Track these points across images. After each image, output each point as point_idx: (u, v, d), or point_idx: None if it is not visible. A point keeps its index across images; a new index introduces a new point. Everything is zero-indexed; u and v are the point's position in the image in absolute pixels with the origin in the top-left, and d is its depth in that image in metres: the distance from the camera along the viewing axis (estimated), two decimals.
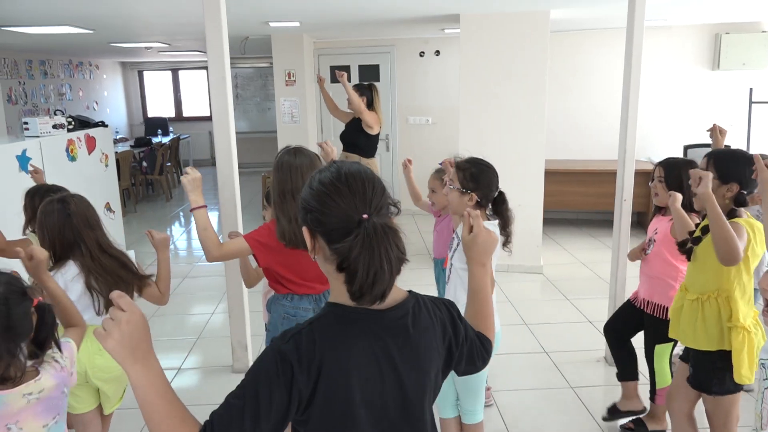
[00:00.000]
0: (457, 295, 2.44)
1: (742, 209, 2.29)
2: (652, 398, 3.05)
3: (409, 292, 1.25)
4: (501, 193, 2.42)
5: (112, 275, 2.33)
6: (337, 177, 1.13)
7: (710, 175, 2.15)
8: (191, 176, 2.47)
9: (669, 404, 2.63)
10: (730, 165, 2.29)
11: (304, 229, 1.16)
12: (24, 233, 2.85)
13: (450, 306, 1.32)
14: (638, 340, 3.07)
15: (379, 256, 1.07)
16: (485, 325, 1.43)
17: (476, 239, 1.41)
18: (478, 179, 2.39)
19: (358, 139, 5.20)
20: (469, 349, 1.34)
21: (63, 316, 1.93)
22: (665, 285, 2.81)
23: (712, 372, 2.33)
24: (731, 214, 2.26)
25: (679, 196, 2.47)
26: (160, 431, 1.05)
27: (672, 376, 2.89)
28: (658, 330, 2.81)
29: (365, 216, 1.09)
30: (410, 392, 1.20)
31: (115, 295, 1.07)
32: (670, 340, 2.76)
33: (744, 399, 3.14)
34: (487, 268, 1.45)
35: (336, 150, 2.86)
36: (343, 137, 5.32)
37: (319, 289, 2.48)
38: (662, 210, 2.87)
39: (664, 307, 2.79)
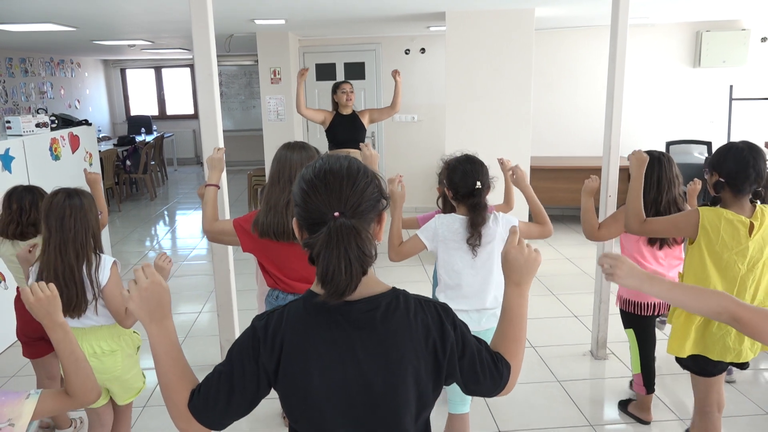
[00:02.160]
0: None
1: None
2: (631, 384, 3.15)
3: (393, 288, 1.24)
4: (476, 189, 2.42)
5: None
6: (317, 174, 1.16)
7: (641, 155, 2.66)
8: (215, 156, 2.77)
9: None
10: (715, 155, 2.37)
11: (294, 221, 1.22)
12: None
13: (442, 310, 1.27)
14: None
15: (336, 256, 1.09)
16: (508, 348, 1.34)
17: (506, 255, 1.35)
18: (449, 175, 2.50)
19: (362, 135, 5.22)
20: (470, 363, 1.26)
21: (69, 375, 1.57)
22: None
23: None
24: (714, 201, 2.35)
25: (592, 184, 3.00)
26: (162, 382, 1.23)
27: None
28: (622, 317, 3.10)
29: (336, 214, 1.11)
30: (377, 390, 1.18)
31: (143, 264, 1.24)
32: (628, 326, 3.05)
33: (728, 391, 3.21)
34: (521, 289, 1.35)
35: (378, 155, 2.83)
36: (347, 135, 5.17)
37: (304, 290, 2.44)
38: None
39: (618, 296, 3.07)
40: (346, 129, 5.18)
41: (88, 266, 2.30)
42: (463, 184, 2.43)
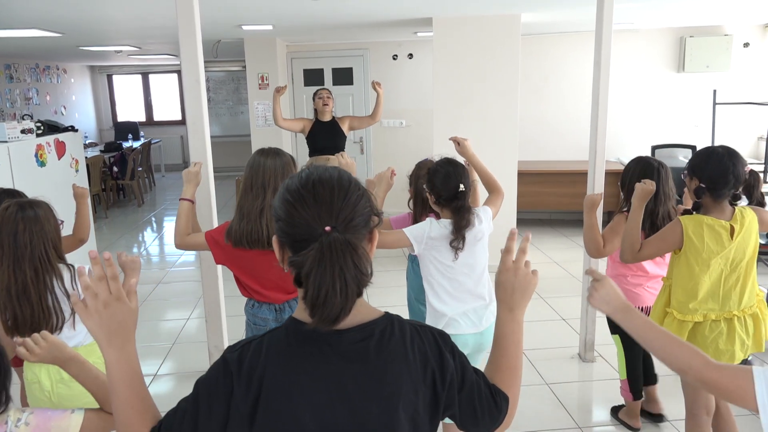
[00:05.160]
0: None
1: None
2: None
3: (386, 313, 1.11)
4: (460, 192, 2.39)
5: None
6: (304, 184, 1.04)
7: None
8: (192, 170, 2.67)
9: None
10: (694, 160, 2.41)
11: (274, 239, 1.09)
12: None
13: (439, 336, 1.14)
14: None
15: (331, 274, 0.97)
16: (503, 378, 1.22)
17: (498, 277, 1.23)
18: (430, 178, 2.47)
19: (342, 142, 5.23)
20: (469, 396, 1.14)
21: (102, 402, 1.50)
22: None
23: None
24: (695, 207, 2.38)
25: (594, 198, 2.94)
26: (119, 418, 1.10)
27: None
28: (608, 322, 3.04)
29: (327, 228, 1.00)
30: (370, 430, 1.05)
31: (110, 273, 1.08)
32: (614, 332, 3.00)
33: None
34: (515, 314, 1.23)
35: (355, 162, 2.81)
36: (326, 142, 5.17)
37: (279, 299, 2.42)
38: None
39: None
40: (325, 136, 5.20)
41: (61, 280, 2.14)
42: (445, 188, 2.40)
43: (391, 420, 1.05)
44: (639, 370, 3.06)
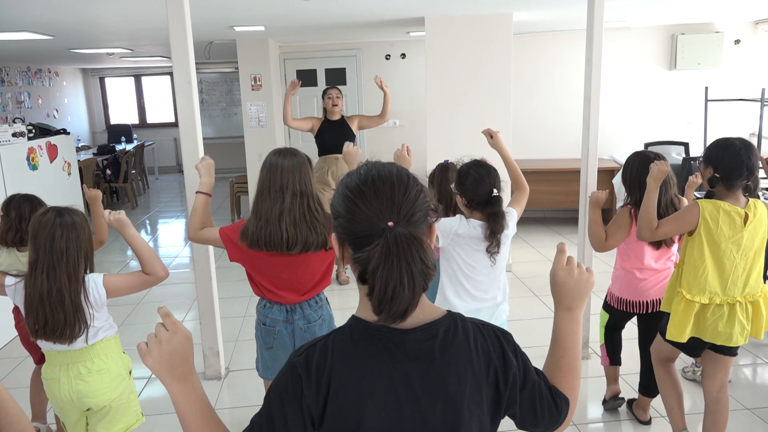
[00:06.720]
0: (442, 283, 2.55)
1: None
2: (630, 404, 3.26)
3: (449, 312, 1.11)
4: (494, 197, 2.39)
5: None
6: (364, 180, 1.04)
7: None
8: (202, 164, 2.66)
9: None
10: (711, 150, 2.47)
11: (333, 237, 1.08)
12: None
13: (502, 335, 1.15)
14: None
15: (399, 269, 0.96)
16: (564, 380, 1.21)
17: (555, 278, 1.23)
18: (459, 181, 2.47)
19: (351, 141, 5.19)
20: (530, 396, 1.13)
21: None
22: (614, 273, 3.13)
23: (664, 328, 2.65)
24: (709, 195, 2.47)
25: (598, 195, 3.00)
26: None
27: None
28: (606, 306, 3.22)
29: (390, 224, 0.99)
30: (436, 430, 1.05)
31: (162, 312, 1.11)
32: (607, 311, 3.17)
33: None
34: (573, 314, 1.22)
35: (361, 153, 2.80)
36: (335, 140, 5.06)
37: (290, 300, 2.41)
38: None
39: (609, 294, 3.17)
40: (334, 135, 5.15)
41: (82, 292, 2.16)
42: (476, 192, 2.40)
43: (456, 420, 1.05)
44: (618, 338, 3.19)
